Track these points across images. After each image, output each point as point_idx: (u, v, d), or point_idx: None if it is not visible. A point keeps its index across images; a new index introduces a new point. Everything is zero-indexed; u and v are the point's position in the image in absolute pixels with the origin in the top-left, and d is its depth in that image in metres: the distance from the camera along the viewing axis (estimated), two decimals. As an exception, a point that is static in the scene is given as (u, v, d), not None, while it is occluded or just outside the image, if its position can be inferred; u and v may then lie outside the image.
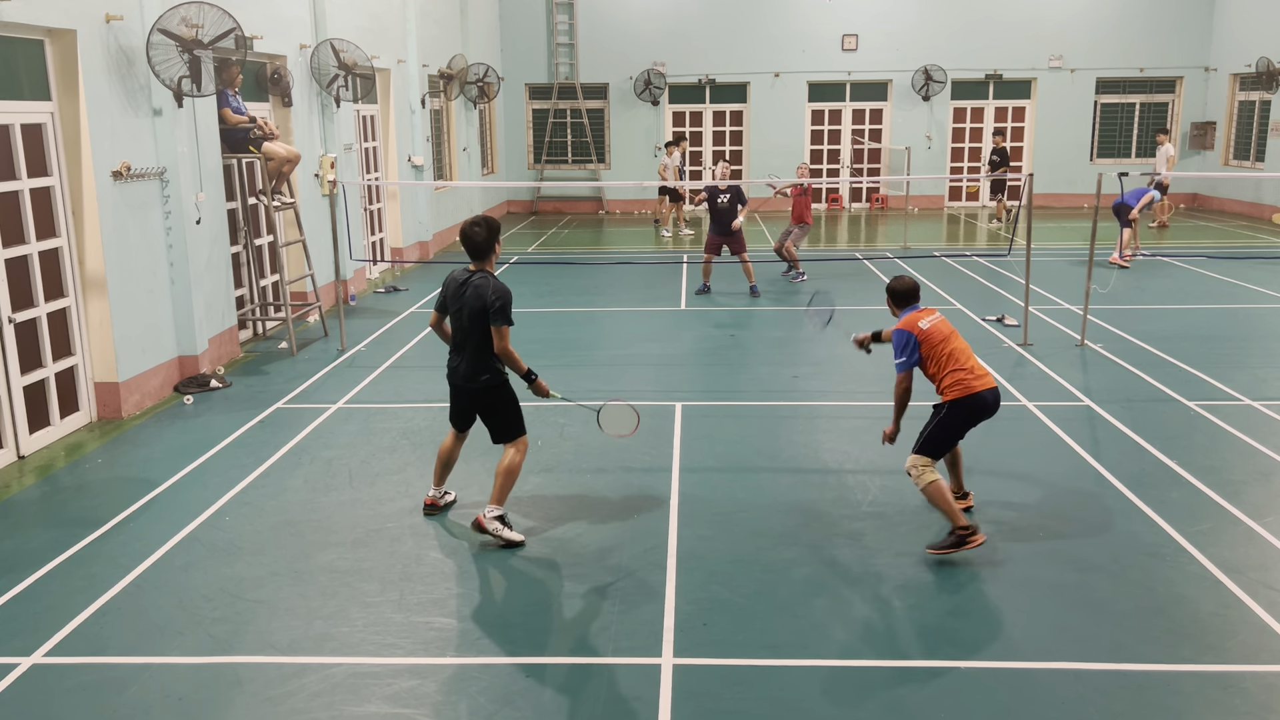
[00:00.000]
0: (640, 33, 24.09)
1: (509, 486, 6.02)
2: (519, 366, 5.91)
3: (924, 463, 5.74)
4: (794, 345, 10.85)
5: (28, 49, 7.77)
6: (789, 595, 5.32)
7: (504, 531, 5.95)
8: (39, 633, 5.01)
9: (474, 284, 5.86)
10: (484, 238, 5.91)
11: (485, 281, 5.85)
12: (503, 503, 6.00)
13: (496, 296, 5.78)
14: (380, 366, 10.08)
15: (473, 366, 5.97)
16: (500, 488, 5.98)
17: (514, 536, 5.96)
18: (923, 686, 4.52)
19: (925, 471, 5.71)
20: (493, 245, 5.95)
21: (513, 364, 5.91)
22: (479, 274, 5.91)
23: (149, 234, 9.01)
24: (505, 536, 5.94)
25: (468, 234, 5.91)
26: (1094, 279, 10.93)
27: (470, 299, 5.84)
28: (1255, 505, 6.38)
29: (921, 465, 5.74)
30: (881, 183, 24.35)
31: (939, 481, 5.69)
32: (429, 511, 6.45)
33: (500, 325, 5.79)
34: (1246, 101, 22.41)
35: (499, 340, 5.82)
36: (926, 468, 5.72)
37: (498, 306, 5.77)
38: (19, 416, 7.60)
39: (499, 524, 5.95)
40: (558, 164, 25.13)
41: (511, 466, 6.01)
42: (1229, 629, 4.94)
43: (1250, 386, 8.89)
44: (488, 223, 5.97)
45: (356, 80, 12.81)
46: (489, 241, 5.93)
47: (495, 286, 5.82)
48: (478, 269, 5.94)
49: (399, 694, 4.48)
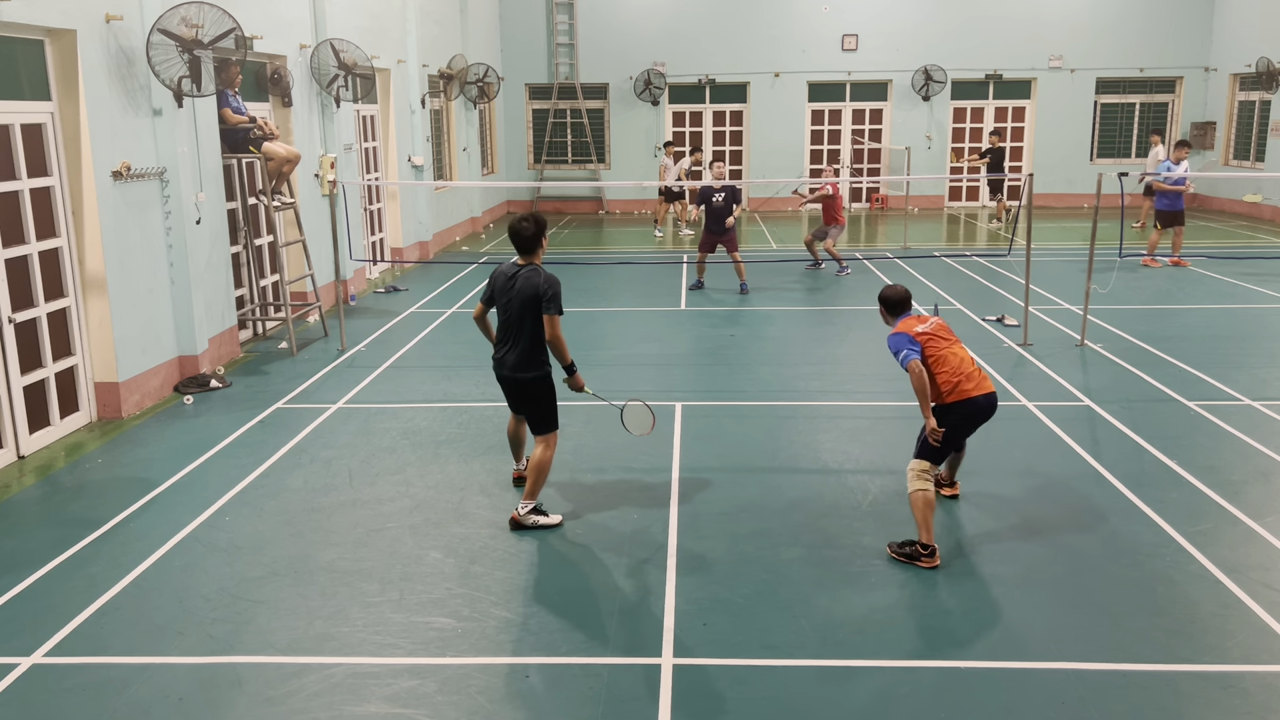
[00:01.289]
0: (640, 33, 24.09)
1: (540, 481, 6.23)
2: (564, 355, 6.16)
3: (921, 469, 5.73)
4: (794, 345, 10.85)
5: (28, 49, 7.77)
6: (789, 595, 5.32)
7: (541, 520, 6.20)
8: (39, 633, 5.01)
9: (523, 275, 6.09)
10: (531, 233, 6.13)
11: (535, 273, 6.08)
12: (535, 497, 6.23)
13: (548, 285, 6.04)
14: (380, 366, 10.08)
15: (521, 357, 6.17)
16: (532, 483, 6.20)
17: (552, 520, 6.24)
18: (923, 686, 4.52)
19: (918, 479, 5.70)
20: (539, 240, 6.18)
21: (560, 351, 6.13)
22: (527, 267, 6.13)
23: (149, 234, 9.01)
24: (543, 524, 6.19)
25: (516, 230, 6.13)
26: (1116, 279, 10.92)
27: (521, 289, 6.06)
28: (1255, 505, 6.38)
29: (918, 471, 5.73)
30: (881, 183, 24.35)
31: (927, 494, 5.65)
32: (519, 483, 6.81)
33: (552, 313, 6.02)
34: (1246, 101, 22.42)
35: (550, 328, 6.04)
36: (922, 474, 5.71)
37: (550, 295, 6.02)
38: (19, 416, 7.60)
39: (534, 515, 6.19)
40: (558, 164, 25.13)
41: (542, 462, 6.21)
42: (1229, 629, 4.94)
43: (1250, 386, 8.89)
44: (535, 219, 6.19)
45: (356, 80, 12.81)
46: (536, 237, 6.14)
47: (546, 277, 6.08)
48: (526, 263, 6.15)
49: (399, 694, 4.48)
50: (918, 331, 5.76)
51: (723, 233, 13.54)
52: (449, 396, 9.00)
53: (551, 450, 6.27)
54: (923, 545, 5.63)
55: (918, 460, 5.77)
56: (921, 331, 5.77)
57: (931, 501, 5.67)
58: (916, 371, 5.63)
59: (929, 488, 5.69)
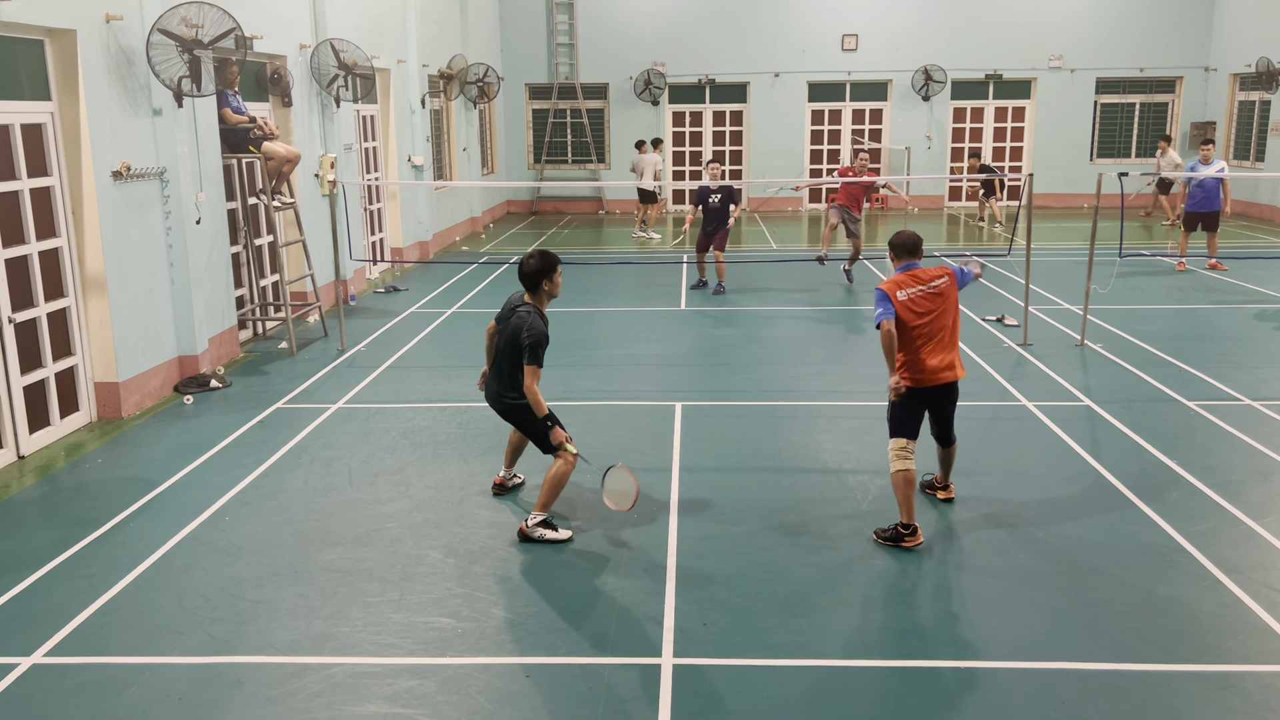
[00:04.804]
0: (640, 33, 24.08)
1: (553, 495, 6.02)
2: (540, 407, 5.92)
3: (898, 446, 5.83)
4: (794, 345, 10.85)
5: (28, 49, 7.77)
6: (789, 595, 5.32)
7: (549, 534, 5.99)
8: (39, 633, 5.01)
9: (518, 314, 5.97)
10: (531, 269, 6.00)
11: (526, 316, 5.93)
12: (546, 509, 6.04)
13: (530, 335, 5.84)
14: (380, 367, 10.08)
15: (501, 386, 6.11)
16: (545, 495, 6.01)
17: (559, 536, 6.01)
18: (922, 686, 4.52)
19: (896, 458, 5.81)
20: (540, 280, 6.00)
21: (534, 403, 5.92)
22: (525, 306, 6.01)
23: (149, 234, 9.01)
24: (549, 539, 5.98)
25: (521, 264, 6.03)
26: (1116, 279, 10.92)
27: (511, 328, 5.96)
28: (1255, 505, 6.38)
29: (897, 449, 5.83)
30: (885, 182, 24.30)
31: (907, 473, 5.76)
32: (497, 492, 6.64)
33: (529, 363, 5.84)
34: (1246, 101, 22.41)
35: (526, 379, 5.87)
36: (900, 453, 5.81)
37: (528, 344, 5.84)
38: (19, 416, 7.60)
39: (541, 529, 6.00)
40: (558, 164, 25.13)
41: (557, 475, 6.00)
42: (1229, 629, 4.94)
43: (1250, 386, 8.89)
44: (544, 256, 6.04)
45: (356, 80, 12.81)
46: (537, 274, 5.99)
47: (531, 325, 5.87)
48: (529, 300, 6.04)
49: (399, 694, 4.48)
50: (899, 297, 5.80)
51: (718, 232, 13.61)
52: (449, 396, 8.99)
53: (570, 466, 6.01)
54: (904, 525, 5.77)
55: (893, 439, 5.87)
56: (902, 298, 5.80)
57: (912, 480, 5.77)
58: (885, 331, 5.76)
59: (908, 466, 5.78)
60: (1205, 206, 14.72)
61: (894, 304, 5.80)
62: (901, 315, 5.79)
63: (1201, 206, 14.75)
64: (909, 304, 5.81)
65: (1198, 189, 14.74)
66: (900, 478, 5.78)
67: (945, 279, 5.93)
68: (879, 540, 5.86)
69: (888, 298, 5.82)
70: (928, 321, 5.83)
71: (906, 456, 5.81)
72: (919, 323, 5.81)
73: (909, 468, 5.79)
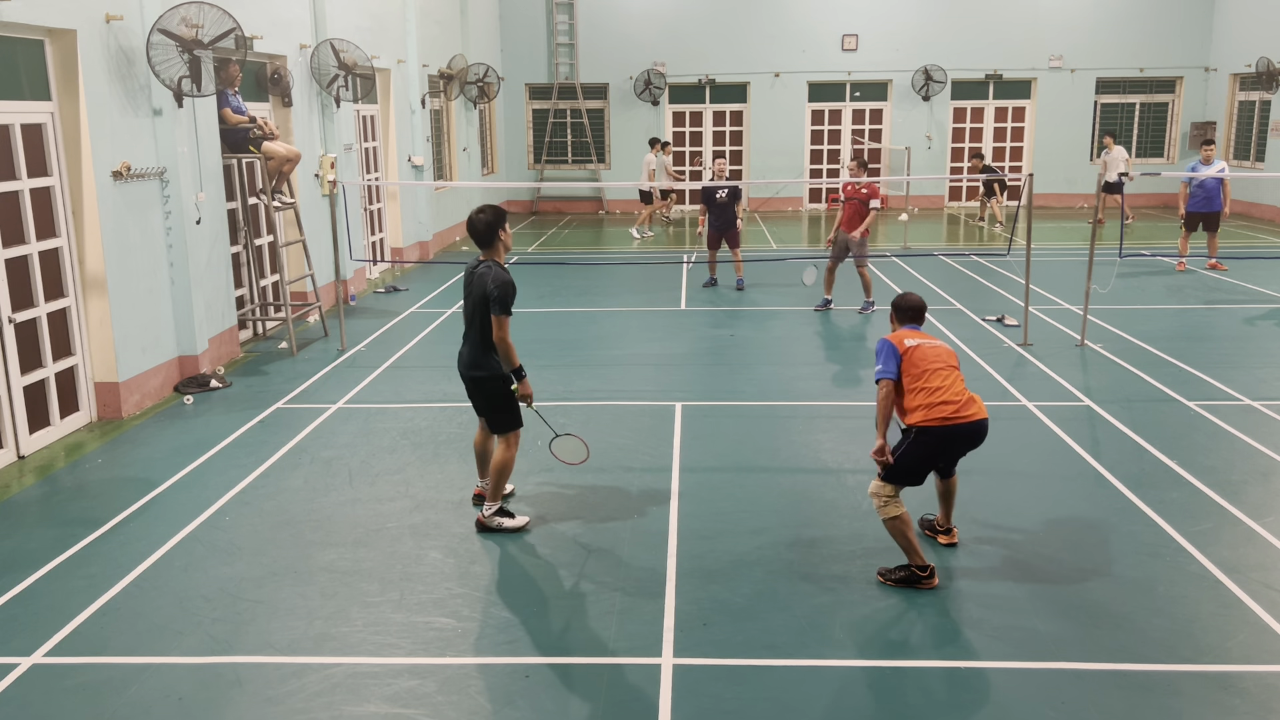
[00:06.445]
0: (640, 33, 24.08)
1: (501, 482, 6.12)
2: (512, 359, 5.96)
3: (887, 493, 5.30)
4: (794, 345, 10.85)
5: (28, 49, 7.77)
6: (789, 595, 5.32)
7: (505, 522, 6.10)
8: (39, 633, 5.01)
9: (479, 273, 5.98)
10: (484, 224, 5.99)
11: (489, 270, 5.94)
12: (497, 499, 6.13)
13: (496, 286, 5.85)
14: (380, 366, 10.08)
15: (474, 355, 6.07)
16: (493, 484, 6.11)
17: (516, 523, 6.11)
18: (922, 686, 4.51)
19: (888, 504, 5.29)
20: (495, 233, 6.02)
21: (506, 355, 5.95)
22: (484, 263, 6.01)
23: (149, 234, 9.00)
24: (507, 526, 6.09)
25: (471, 221, 6.01)
26: (1116, 279, 10.92)
27: (475, 288, 5.97)
28: (1255, 505, 6.38)
29: (885, 496, 5.31)
30: (881, 183, 24.29)
31: (902, 517, 5.29)
32: (477, 501, 6.58)
33: (498, 314, 5.86)
34: (1246, 101, 22.41)
35: (497, 329, 5.88)
36: (890, 499, 5.30)
37: (496, 295, 5.84)
38: (19, 416, 7.60)
39: (498, 518, 6.10)
40: (558, 164, 25.13)
41: (502, 463, 6.09)
42: (1229, 629, 4.94)
43: (1250, 386, 8.88)
44: (493, 209, 6.06)
45: (356, 80, 12.81)
46: (491, 228, 6.00)
47: (496, 275, 5.90)
48: (486, 258, 6.04)
49: (399, 694, 4.48)
50: (906, 344, 5.41)
51: (727, 230, 13.78)
52: (449, 396, 8.99)
53: (513, 451, 6.10)
54: (919, 568, 5.32)
55: (881, 484, 5.34)
56: (910, 345, 5.41)
57: (909, 521, 5.31)
58: (883, 391, 5.35)
59: (899, 511, 5.29)
60: (1206, 207, 14.75)
61: (900, 354, 5.37)
62: (912, 361, 5.35)
63: (1202, 207, 14.78)
64: (918, 353, 5.38)
65: (1199, 189, 14.78)
66: (894, 526, 5.29)
67: (951, 359, 5.51)
68: (887, 582, 5.37)
69: (894, 352, 5.39)
70: (939, 368, 5.38)
71: (898, 501, 5.30)
72: (930, 365, 5.35)
73: (900, 511, 5.29)
